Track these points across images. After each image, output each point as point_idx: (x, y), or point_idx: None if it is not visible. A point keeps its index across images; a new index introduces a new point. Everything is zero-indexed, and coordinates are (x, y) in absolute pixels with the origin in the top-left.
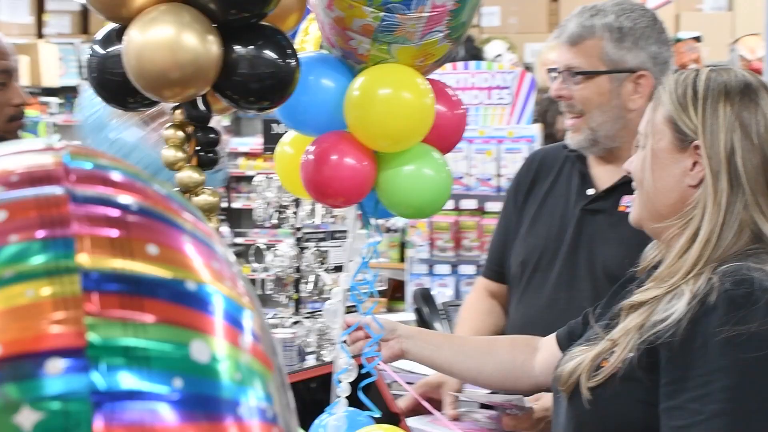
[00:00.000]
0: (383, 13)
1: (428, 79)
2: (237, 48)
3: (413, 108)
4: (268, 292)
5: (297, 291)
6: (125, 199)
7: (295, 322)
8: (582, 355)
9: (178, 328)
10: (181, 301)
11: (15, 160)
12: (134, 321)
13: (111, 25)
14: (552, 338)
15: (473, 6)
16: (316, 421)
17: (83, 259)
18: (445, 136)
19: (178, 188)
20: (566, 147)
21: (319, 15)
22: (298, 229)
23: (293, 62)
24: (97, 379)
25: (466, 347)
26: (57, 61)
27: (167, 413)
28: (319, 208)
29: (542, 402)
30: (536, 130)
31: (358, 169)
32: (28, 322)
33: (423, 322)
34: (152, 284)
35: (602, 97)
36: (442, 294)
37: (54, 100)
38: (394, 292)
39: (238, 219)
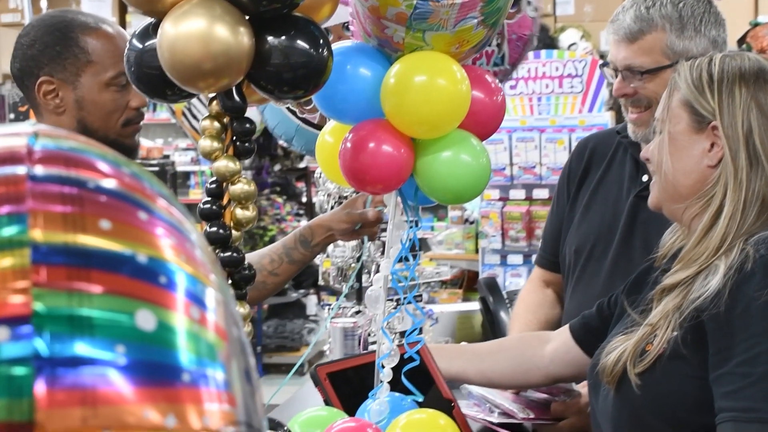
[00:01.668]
0: (416, 1)
1: (467, 66)
2: (270, 39)
3: (448, 94)
4: (331, 282)
5: (358, 280)
6: (84, 177)
7: (357, 312)
8: (622, 345)
9: (124, 298)
10: (129, 273)
11: None
12: (80, 291)
13: (148, 20)
14: (565, 329)
15: None
16: (361, 407)
17: (36, 233)
18: (483, 122)
19: (215, 177)
20: (619, 133)
21: (354, 4)
22: None
23: (326, 52)
24: (40, 345)
25: (477, 352)
26: None
27: (111, 377)
28: None
29: None
30: (608, 118)
31: (395, 156)
32: None
33: (488, 311)
34: (101, 257)
35: None
36: (515, 284)
37: None
38: (470, 283)
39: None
